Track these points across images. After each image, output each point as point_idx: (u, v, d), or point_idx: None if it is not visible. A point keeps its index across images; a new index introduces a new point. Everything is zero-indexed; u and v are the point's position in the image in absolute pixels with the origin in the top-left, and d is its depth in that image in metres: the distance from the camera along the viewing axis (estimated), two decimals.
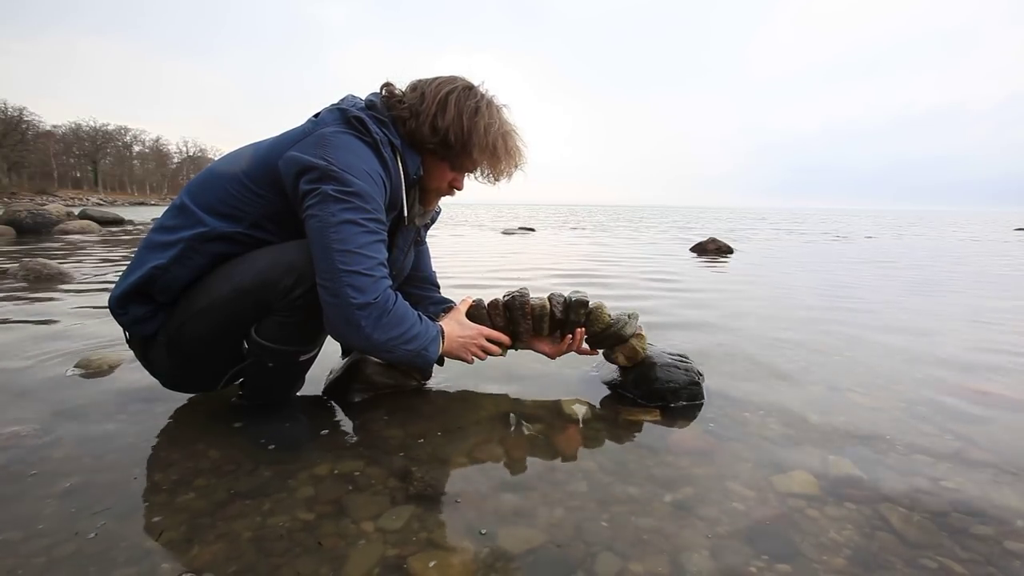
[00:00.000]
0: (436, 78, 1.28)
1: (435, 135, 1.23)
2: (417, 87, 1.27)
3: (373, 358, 1.53)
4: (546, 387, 1.64)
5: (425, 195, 1.39)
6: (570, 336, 1.49)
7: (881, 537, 0.92)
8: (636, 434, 1.33)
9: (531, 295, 1.48)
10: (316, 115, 1.23)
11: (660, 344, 1.73)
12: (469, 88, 1.27)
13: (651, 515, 0.97)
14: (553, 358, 1.56)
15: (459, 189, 1.39)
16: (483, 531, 0.92)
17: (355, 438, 1.27)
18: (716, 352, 2.05)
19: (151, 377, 1.35)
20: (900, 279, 4.47)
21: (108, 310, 1.24)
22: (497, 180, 1.35)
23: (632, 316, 1.54)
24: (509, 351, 1.53)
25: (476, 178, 1.37)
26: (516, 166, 1.35)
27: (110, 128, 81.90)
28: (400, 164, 1.24)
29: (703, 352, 2.02)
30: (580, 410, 1.46)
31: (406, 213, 1.30)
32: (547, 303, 1.47)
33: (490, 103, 1.28)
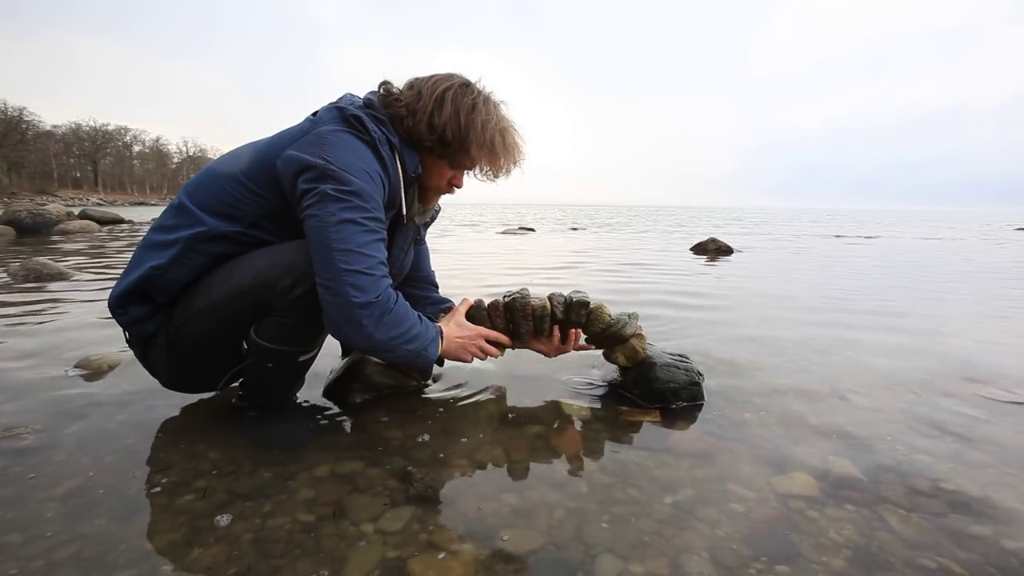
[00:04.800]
0: (433, 76, 1.27)
1: (432, 132, 1.23)
2: (414, 85, 1.27)
3: (373, 358, 1.53)
4: (546, 387, 1.64)
5: (424, 193, 1.39)
6: (565, 335, 1.49)
7: (880, 538, 0.92)
8: (636, 435, 1.33)
9: (531, 295, 1.48)
10: (314, 114, 1.23)
11: (660, 344, 1.73)
12: (466, 85, 1.27)
13: (651, 516, 0.97)
14: (550, 357, 1.56)
15: (458, 187, 1.38)
16: (497, 537, 0.91)
17: (355, 439, 1.27)
18: (716, 352, 2.05)
19: (151, 377, 1.35)
20: (902, 279, 4.47)
21: (108, 310, 1.24)
22: (496, 177, 1.35)
23: (632, 316, 1.54)
24: (507, 350, 1.53)
25: (475, 175, 1.37)
26: (515, 162, 1.34)
27: (110, 128, 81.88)
28: (398, 162, 1.24)
29: (703, 352, 2.02)
30: (580, 410, 1.46)
31: (405, 211, 1.30)
32: (548, 304, 1.46)
33: (487, 99, 1.27)
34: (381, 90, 1.28)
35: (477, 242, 7.98)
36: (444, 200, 1.52)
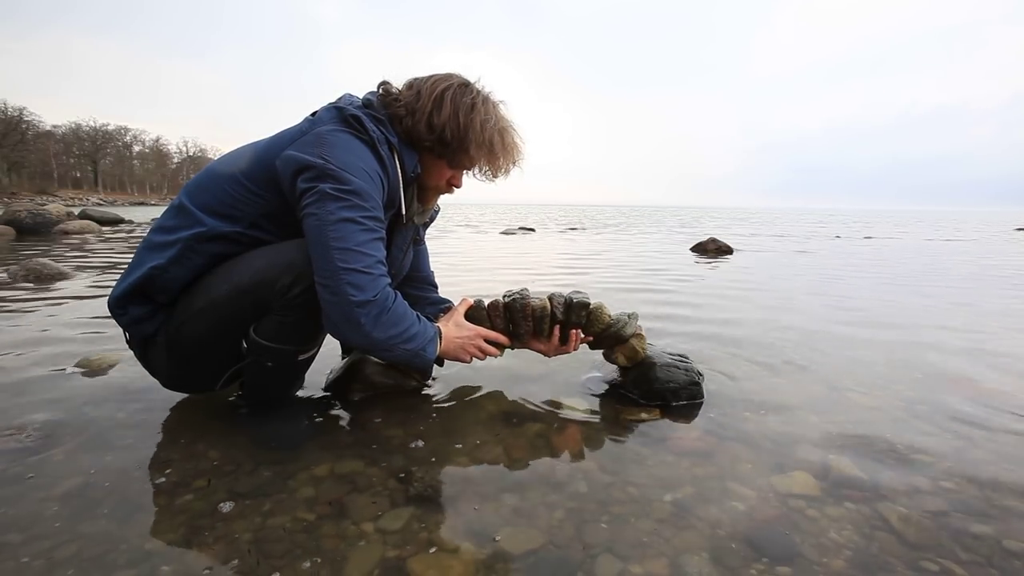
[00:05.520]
0: (432, 76, 1.27)
1: (431, 132, 1.23)
2: (413, 85, 1.27)
3: (373, 358, 1.53)
4: (546, 387, 1.63)
5: (424, 193, 1.39)
6: (565, 335, 1.49)
7: (881, 538, 0.92)
8: (636, 434, 1.33)
9: (531, 296, 1.48)
10: (313, 114, 1.23)
11: (660, 344, 1.73)
12: (465, 85, 1.27)
13: (651, 516, 0.97)
14: (549, 357, 1.56)
15: (457, 187, 1.38)
16: (496, 537, 0.91)
17: (355, 438, 1.27)
18: (716, 352, 2.05)
19: (151, 377, 1.35)
20: (902, 279, 4.47)
21: (108, 310, 1.24)
22: (496, 177, 1.35)
23: (632, 316, 1.53)
24: (506, 350, 1.53)
25: (475, 175, 1.37)
26: (514, 162, 1.34)
27: (110, 128, 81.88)
28: (397, 162, 1.24)
29: (703, 352, 2.02)
30: (580, 410, 1.46)
31: (404, 211, 1.30)
32: (548, 304, 1.46)
33: (486, 99, 1.27)
34: (380, 90, 1.28)
35: (473, 245, 7.98)
36: (443, 200, 1.52)
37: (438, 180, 1.35)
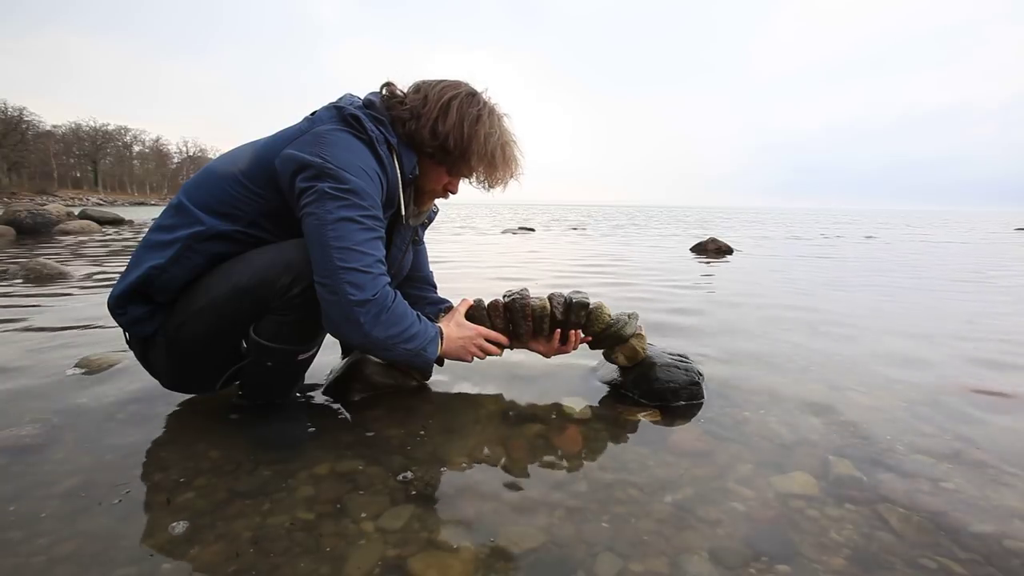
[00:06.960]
0: (440, 81, 1.28)
1: (435, 139, 1.23)
2: (420, 88, 1.27)
3: (373, 358, 1.53)
4: (546, 387, 1.64)
5: (420, 196, 1.40)
6: (565, 336, 1.49)
7: (881, 537, 0.92)
8: (636, 434, 1.33)
9: (531, 295, 1.48)
10: (313, 113, 1.23)
11: (660, 344, 1.73)
12: (472, 95, 1.27)
13: (651, 516, 0.97)
14: (548, 357, 1.56)
15: (453, 192, 1.40)
16: (497, 536, 0.91)
17: (355, 437, 1.27)
18: (716, 352, 2.05)
19: (151, 377, 1.35)
20: (901, 278, 4.47)
21: (107, 310, 1.24)
22: (492, 188, 1.36)
23: (632, 316, 1.54)
24: (506, 350, 1.53)
25: (471, 183, 1.38)
26: (512, 176, 1.36)
27: (110, 128, 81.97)
28: (396, 162, 1.24)
29: (703, 352, 2.02)
30: (580, 410, 1.46)
31: (403, 211, 1.30)
32: (547, 304, 1.46)
33: (492, 111, 1.28)
34: (384, 91, 1.29)
35: (472, 247, 7.97)
36: (442, 200, 1.52)
37: (435, 185, 1.35)
